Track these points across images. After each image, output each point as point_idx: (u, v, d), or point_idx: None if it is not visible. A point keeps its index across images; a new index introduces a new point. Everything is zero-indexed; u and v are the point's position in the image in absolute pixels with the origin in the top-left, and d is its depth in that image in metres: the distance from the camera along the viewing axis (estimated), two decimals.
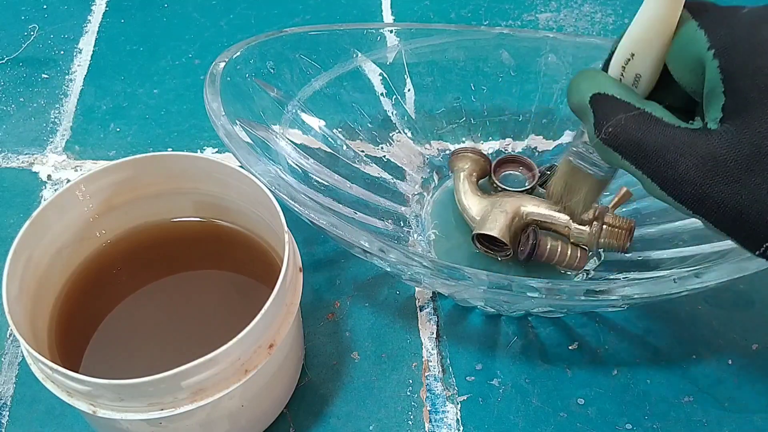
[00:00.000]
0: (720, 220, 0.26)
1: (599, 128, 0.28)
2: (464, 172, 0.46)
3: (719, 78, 0.26)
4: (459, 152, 0.47)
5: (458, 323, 0.43)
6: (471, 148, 0.47)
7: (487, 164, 0.47)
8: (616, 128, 0.27)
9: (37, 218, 0.33)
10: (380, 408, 0.39)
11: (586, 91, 0.29)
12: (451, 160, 0.47)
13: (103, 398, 0.29)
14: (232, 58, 0.43)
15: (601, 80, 0.29)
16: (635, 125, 0.27)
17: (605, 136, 0.28)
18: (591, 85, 0.29)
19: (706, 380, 0.40)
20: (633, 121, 0.27)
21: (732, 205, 0.26)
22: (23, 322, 0.32)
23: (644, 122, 0.27)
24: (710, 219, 0.27)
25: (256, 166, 0.37)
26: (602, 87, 0.29)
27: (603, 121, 0.28)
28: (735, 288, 0.44)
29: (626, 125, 0.27)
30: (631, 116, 0.27)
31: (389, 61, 0.49)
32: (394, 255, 0.35)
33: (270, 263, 0.38)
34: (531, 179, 0.47)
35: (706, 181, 0.26)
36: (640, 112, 0.28)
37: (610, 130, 0.27)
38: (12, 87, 0.56)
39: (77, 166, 0.51)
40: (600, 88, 0.29)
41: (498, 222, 0.42)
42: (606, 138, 0.28)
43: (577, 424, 0.39)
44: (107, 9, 0.62)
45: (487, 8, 0.62)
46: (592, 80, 0.30)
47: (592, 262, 0.44)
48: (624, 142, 0.27)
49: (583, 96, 0.29)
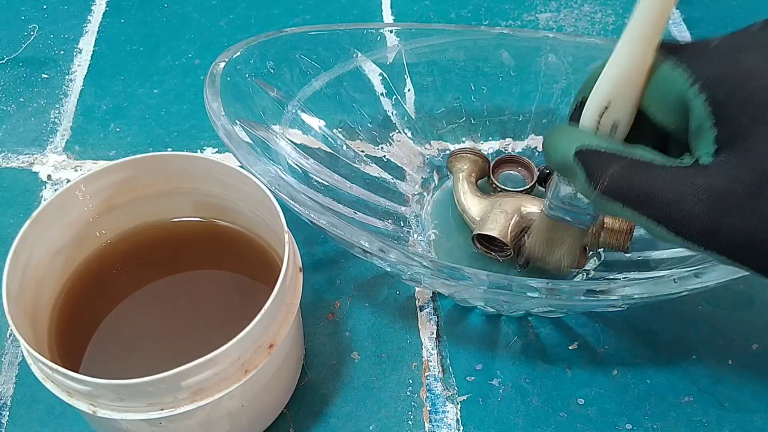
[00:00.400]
0: (733, 252, 0.26)
1: (594, 182, 0.28)
2: (463, 172, 0.46)
3: (707, 111, 0.26)
4: (458, 153, 0.47)
5: (458, 323, 0.43)
6: (470, 149, 0.47)
7: (486, 164, 0.47)
8: (613, 179, 0.27)
9: (37, 218, 0.33)
10: (380, 408, 0.39)
11: (566, 148, 0.29)
12: (449, 161, 0.47)
13: (103, 398, 0.29)
14: (232, 58, 0.43)
15: (580, 135, 0.29)
16: (630, 173, 0.27)
17: (603, 188, 0.27)
18: (570, 142, 0.29)
19: (706, 380, 0.40)
20: (627, 170, 0.27)
21: (743, 233, 0.25)
22: (23, 322, 0.32)
23: (638, 168, 0.27)
24: (723, 252, 0.26)
25: (256, 166, 0.37)
26: (583, 141, 0.29)
27: (597, 174, 0.28)
28: (735, 288, 0.44)
29: (621, 175, 0.27)
30: (625, 165, 0.27)
31: (389, 61, 0.49)
32: (394, 255, 0.35)
33: (270, 263, 0.38)
34: (530, 179, 0.47)
35: (713, 214, 0.25)
36: (631, 159, 0.27)
37: (606, 182, 0.27)
38: (12, 87, 0.56)
39: (77, 166, 0.51)
40: (581, 143, 0.29)
41: (498, 222, 0.42)
42: (604, 190, 0.27)
43: (577, 424, 0.39)
44: (107, 9, 0.62)
45: (487, 8, 0.62)
46: (569, 137, 0.29)
47: (592, 262, 0.44)
48: (624, 191, 0.27)
49: (565, 154, 0.29)
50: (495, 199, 0.44)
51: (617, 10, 0.62)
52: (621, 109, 0.29)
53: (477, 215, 0.44)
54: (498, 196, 0.45)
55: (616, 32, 0.60)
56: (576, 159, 0.28)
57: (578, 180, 0.28)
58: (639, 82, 0.28)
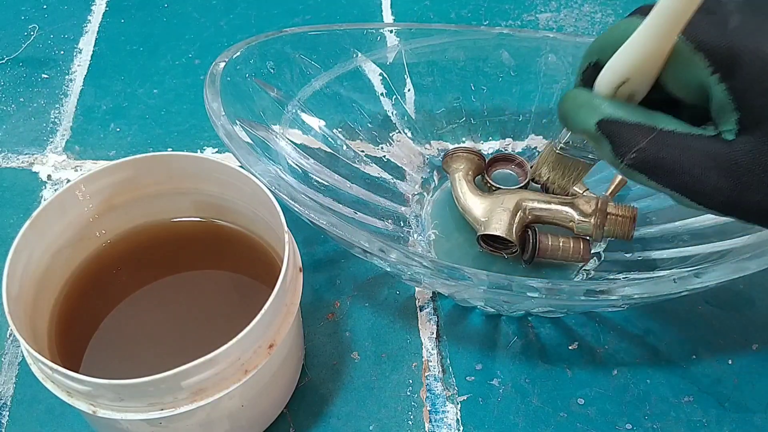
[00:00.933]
0: (753, 219, 0.27)
1: (621, 156, 0.28)
2: (460, 172, 0.46)
3: (729, 98, 0.26)
4: (453, 153, 0.47)
5: (458, 323, 0.43)
6: (464, 148, 0.47)
7: (482, 162, 0.47)
8: (639, 153, 0.28)
9: (37, 218, 0.33)
10: (380, 408, 0.39)
11: (588, 118, 0.29)
12: (445, 162, 0.47)
13: (103, 398, 0.29)
14: (232, 58, 0.43)
15: (600, 105, 0.29)
16: (656, 146, 0.27)
17: (630, 162, 0.28)
18: (591, 111, 0.29)
19: (706, 380, 0.40)
20: (653, 143, 0.27)
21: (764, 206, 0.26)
22: (23, 322, 0.32)
23: (664, 141, 0.27)
24: (743, 219, 0.27)
25: (256, 166, 0.37)
26: (605, 113, 0.29)
27: (624, 149, 0.28)
28: (735, 288, 0.44)
29: (648, 148, 0.28)
30: (651, 138, 0.28)
31: (389, 61, 0.49)
32: (394, 255, 0.35)
33: (270, 263, 0.38)
34: (523, 177, 0.47)
35: (736, 189, 0.26)
36: (656, 131, 0.28)
37: (633, 155, 0.28)
38: (12, 87, 0.56)
39: (77, 166, 0.51)
40: (603, 114, 0.29)
41: (502, 221, 0.42)
42: (632, 164, 0.28)
43: (577, 424, 0.39)
44: (107, 9, 0.62)
45: (487, 8, 0.62)
46: (589, 106, 0.29)
47: (593, 262, 0.44)
48: (650, 165, 0.28)
49: (587, 124, 0.29)
50: (496, 197, 0.44)
51: (617, 10, 0.62)
52: (639, 84, 0.29)
53: (481, 215, 0.44)
54: (498, 194, 0.45)
55: None
56: (599, 130, 0.28)
57: (603, 149, 0.29)
58: (659, 61, 0.28)
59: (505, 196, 0.44)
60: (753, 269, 0.34)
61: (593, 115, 0.29)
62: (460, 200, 0.45)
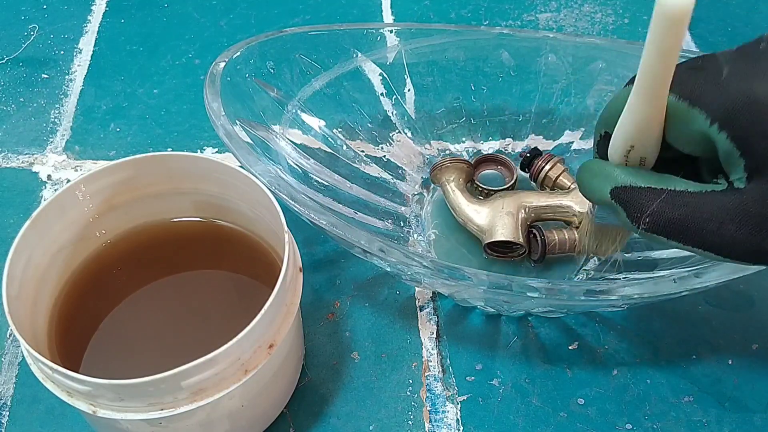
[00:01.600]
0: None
1: (636, 221, 0.28)
2: (452, 183, 0.45)
3: (732, 146, 0.27)
4: (440, 164, 0.46)
5: (458, 323, 0.43)
6: (450, 158, 0.46)
7: (470, 168, 0.46)
8: (653, 217, 0.28)
9: (37, 218, 0.33)
10: (380, 408, 0.39)
11: (601, 188, 0.30)
12: (433, 174, 0.46)
13: (103, 398, 0.29)
14: (232, 58, 0.43)
15: (612, 173, 0.30)
16: (669, 207, 0.28)
17: (645, 227, 0.28)
18: (604, 181, 0.30)
19: (706, 380, 0.40)
20: (665, 204, 0.28)
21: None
22: (23, 322, 0.32)
23: (676, 201, 0.28)
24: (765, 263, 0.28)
25: (256, 166, 0.37)
26: (617, 180, 0.29)
27: (637, 214, 0.28)
28: (735, 288, 0.44)
29: (661, 211, 0.28)
30: (662, 200, 0.28)
31: (389, 61, 0.49)
32: (394, 255, 0.35)
33: (270, 263, 0.38)
34: (509, 177, 0.47)
35: (755, 237, 0.26)
36: (667, 192, 0.28)
37: (647, 220, 0.28)
38: (12, 87, 0.56)
39: (77, 166, 0.51)
40: (616, 182, 0.29)
41: (507, 225, 0.42)
42: (647, 228, 0.28)
43: (577, 424, 0.39)
44: (107, 9, 0.62)
45: (487, 8, 0.62)
46: (602, 175, 0.30)
47: (593, 262, 0.44)
48: (665, 226, 0.28)
49: (601, 193, 0.30)
50: (494, 201, 0.44)
51: (617, 10, 0.62)
52: (645, 148, 0.29)
53: (483, 223, 0.43)
54: (495, 198, 0.45)
55: (616, 32, 0.60)
56: (613, 198, 0.29)
57: (620, 217, 0.29)
58: (657, 124, 0.28)
59: (504, 200, 0.44)
60: (753, 269, 0.34)
61: (607, 184, 0.30)
62: (458, 211, 0.45)
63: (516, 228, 0.42)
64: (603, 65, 0.48)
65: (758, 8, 0.62)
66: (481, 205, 0.44)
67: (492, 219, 0.43)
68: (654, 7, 0.25)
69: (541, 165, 0.46)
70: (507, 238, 0.42)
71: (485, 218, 0.43)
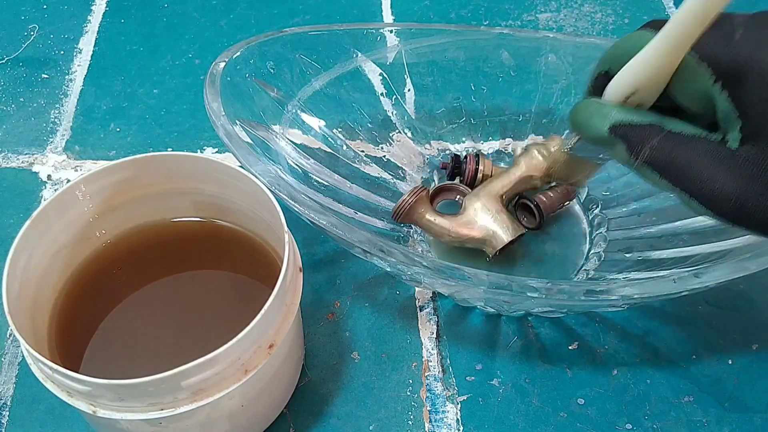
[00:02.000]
0: (758, 229, 0.28)
1: (636, 154, 0.29)
2: (427, 214, 0.43)
3: (731, 107, 0.27)
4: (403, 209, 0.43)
5: (458, 323, 0.43)
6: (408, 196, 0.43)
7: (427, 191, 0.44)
8: (653, 151, 0.28)
9: (37, 218, 0.33)
10: (380, 408, 0.39)
11: (600, 125, 0.30)
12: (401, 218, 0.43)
13: (103, 398, 0.29)
14: (232, 58, 0.43)
15: (612, 111, 0.30)
16: (669, 145, 0.28)
17: (644, 160, 0.29)
18: (603, 118, 0.30)
19: (706, 380, 0.40)
20: (666, 142, 0.28)
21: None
22: (23, 322, 0.32)
23: (675, 141, 0.28)
24: (748, 228, 0.28)
25: (256, 166, 0.37)
26: (617, 117, 0.30)
27: (638, 148, 0.29)
28: (735, 288, 0.44)
29: (661, 147, 0.28)
30: (663, 137, 0.28)
31: (389, 61, 0.49)
32: (394, 255, 0.35)
33: (270, 263, 0.38)
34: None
35: (742, 197, 0.27)
36: (668, 132, 0.28)
37: (647, 153, 0.28)
38: (12, 87, 0.56)
39: (77, 166, 0.51)
40: (615, 119, 0.30)
41: (503, 223, 0.42)
42: (646, 160, 0.29)
43: (577, 424, 0.39)
44: (107, 9, 0.62)
45: (487, 8, 0.62)
46: (600, 113, 0.30)
47: (593, 262, 0.44)
48: (663, 163, 0.28)
49: (600, 130, 0.30)
50: (473, 209, 0.43)
51: (617, 10, 0.62)
52: (647, 95, 0.30)
53: (481, 235, 0.42)
54: (471, 204, 0.43)
55: (616, 32, 0.60)
56: (612, 134, 0.29)
57: (617, 151, 0.30)
58: (668, 74, 0.29)
59: (481, 201, 0.43)
60: (753, 269, 0.34)
61: (605, 121, 0.30)
62: (447, 237, 0.43)
63: (512, 220, 0.42)
64: None
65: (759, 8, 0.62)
66: (465, 218, 0.43)
67: (486, 226, 0.42)
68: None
69: (473, 167, 0.46)
70: (514, 236, 0.42)
71: (479, 229, 0.42)
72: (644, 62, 0.29)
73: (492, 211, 0.42)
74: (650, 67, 0.29)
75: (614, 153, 0.30)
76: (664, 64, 0.28)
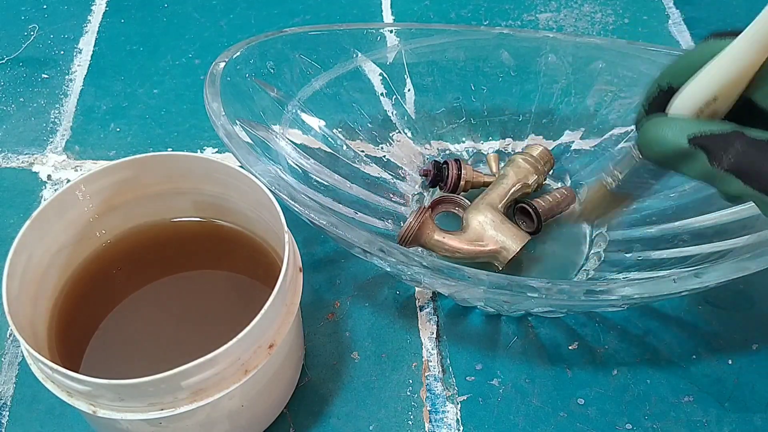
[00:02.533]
0: None
1: (719, 161, 0.28)
2: (434, 234, 0.42)
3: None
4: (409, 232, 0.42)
5: (458, 323, 0.43)
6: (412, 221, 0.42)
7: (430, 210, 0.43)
8: (736, 156, 0.28)
9: (37, 218, 0.33)
10: (380, 408, 0.39)
11: (677, 137, 0.29)
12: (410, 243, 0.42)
13: (103, 398, 0.29)
14: (232, 58, 0.43)
15: (688, 124, 0.30)
16: (751, 152, 0.28)
17: (728, 166, 0.28)
18: (680, 131, 0.30)
19: (706, 380, 0.40)
20: (749, 147, 0.28)
21: None
22: (23, 322, 0.32)
23: (757, 147, 0.28)
24: None
25: (256, 166, 0.37)
26: (696, 128, 0.29)
27: (721, 153, 0.28)
28: (735, 288, 0.44)
29: (745, 152, 0.28)
30: (746, 142, 0.28)
31: (389, 61, 0.49)
32: (394, 255, 0.35)
33: (270, 263, 0.38)
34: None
35: None
36: (750, 138, 0.28)
37: (732, 159, 0.28)
38: (12, 87, 0.56)
39: (77, 166, 0.51)
40: (694, 131, 0.29)
41: (510, 232, 0.42)
42: (730, 167, 0.28)
43: (577, 424, 0.39)
44: (107, 9, 0.62)
45: (487, 8, 0.62)
46: (677, 126, 0.30)
47: (593, 262, 0.44)
48: (747, 169, 0.28)
49: (676, 142, 0.29)
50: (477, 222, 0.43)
51: (617, 10, 0.62)
52: (724, 103, 0.29)
53: (492, 245, 0.42)
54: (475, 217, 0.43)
55: (616, 32, 0.60)
56: (692, 144, 0.29)
57: (697, 163, 0.29)
58: (748, 78, 0.28)
59: (484, 215, 0.43)
60: (753, 269, 0.34)
61: (682, 134, 0.29)
62: (458, 255, 0.42)
63: (516, 228, 0.42)
64: (603, 65, 0.48)
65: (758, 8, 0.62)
66: (473, 231, 0.43)
67: (494, 237, 0.42)
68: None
69: (455, 173, 0.46)
70: (523, 243, 0.42)
71: (490, 240, 0.42)
72: (725, 66, 0.28)
73: (497, 222, 0.42)
74: (732, 70, 0.28)
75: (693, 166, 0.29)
76: (746, 66, 0.28)
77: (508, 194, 0.44)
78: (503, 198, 0.44)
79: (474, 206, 0.44)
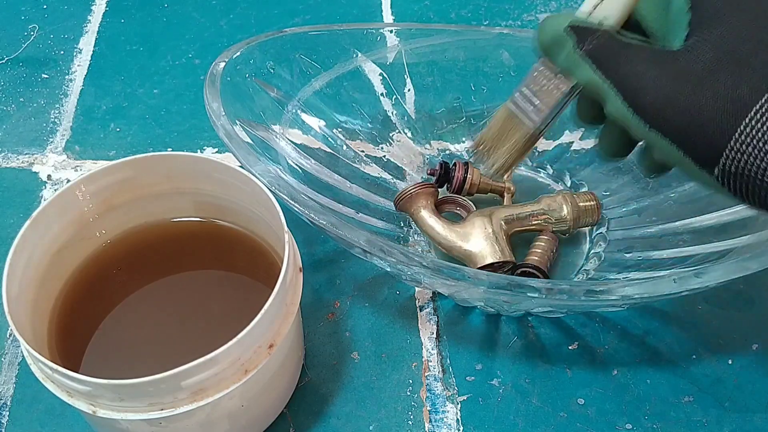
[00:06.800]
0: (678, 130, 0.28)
1: (581, 44, 0.31)
2: (425, 209, 0.43)
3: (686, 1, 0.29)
4: (408, 194, 0.43)
5: (458, 323, 0.43)
6: (415, 185, 0.43)
7: (435, 190, 0.44)
8: (598, 42, 0.31)
9: (37, 218, 0.33)
10: (380, 408, 0.39)
11: (559, 25, 0.32)
12: (401, 205, 0.43)
13: (103, 398, 0.29)
14: (232, 58, 0.43)
15: (571, 18, 0.32)
16: (612, 42, 0.31)
17: (588, 49, 0.31)
18: (563, 21, 0.32)
19: (706, 380, 0.40)
20: (611, 39, 0.31)
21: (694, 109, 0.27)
22: (23, 322, 0.32)
23: (620, 42, 0.30)
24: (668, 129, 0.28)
25: (256, 166, 0.37)
26: (574, 21, 0.32)
27: (586, 37, 0.31)
28: (735, 288, 0.44)
29: (605, 42, 0.31)
30: (609, 36, 0.31)
31: (389, 61, 0.49)
32: (394, 255, 0.35)
33: (270, 263, 0.38)
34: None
35: (669, 88, 0.28)
36: (616, 35, 0.31)
37: (594, 42, 0.31)
38: (12, 87, 0.56)
39: (77, 166, 0.51)
40: (572, 22, 0.32)
41: (496, 246, 0.41)
42: (588, 51, 0.31)
43: (577, 424, 0.39)
44: (107, 9, 0.62)
45: (487, 8, 0.62)
46: (561, 18, 0.33)
47: (593, 262, 0.44)
48: (602, 54, 0.31)
49: (557, 29, 0.32)
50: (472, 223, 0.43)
51: None
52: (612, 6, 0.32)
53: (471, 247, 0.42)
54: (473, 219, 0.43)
55: None
56: (568, 30, 0.32)
57: (566, 48, 0.32)
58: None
59: (482, 219, 0.43)
60: (753, 269, 0.34)
61: (563, 23, 0.32)
62: (438, 239, 0.43)
63: (503, 247, 0.42)
64: None
65: None
66: (462, 229, 0.43)
67: (477, 242, 0.42)
68: None
69: (461, 175, 0.45)
70: (502, 259, 0.41)
71: (472, 242, 0.42)
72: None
73: (489, 231, 0.42)
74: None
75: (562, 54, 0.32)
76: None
77: (520, 214, 0.43)
78: (514, 215, 0.43)
79: (481, 210, 0.44)
